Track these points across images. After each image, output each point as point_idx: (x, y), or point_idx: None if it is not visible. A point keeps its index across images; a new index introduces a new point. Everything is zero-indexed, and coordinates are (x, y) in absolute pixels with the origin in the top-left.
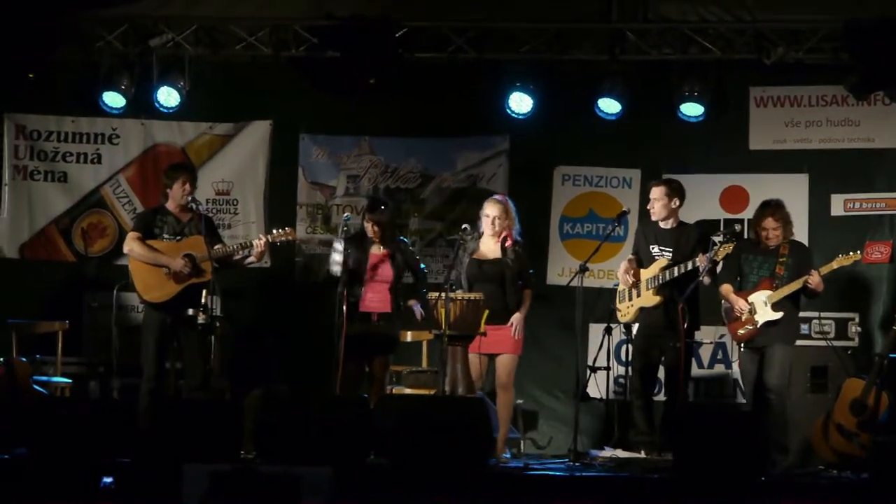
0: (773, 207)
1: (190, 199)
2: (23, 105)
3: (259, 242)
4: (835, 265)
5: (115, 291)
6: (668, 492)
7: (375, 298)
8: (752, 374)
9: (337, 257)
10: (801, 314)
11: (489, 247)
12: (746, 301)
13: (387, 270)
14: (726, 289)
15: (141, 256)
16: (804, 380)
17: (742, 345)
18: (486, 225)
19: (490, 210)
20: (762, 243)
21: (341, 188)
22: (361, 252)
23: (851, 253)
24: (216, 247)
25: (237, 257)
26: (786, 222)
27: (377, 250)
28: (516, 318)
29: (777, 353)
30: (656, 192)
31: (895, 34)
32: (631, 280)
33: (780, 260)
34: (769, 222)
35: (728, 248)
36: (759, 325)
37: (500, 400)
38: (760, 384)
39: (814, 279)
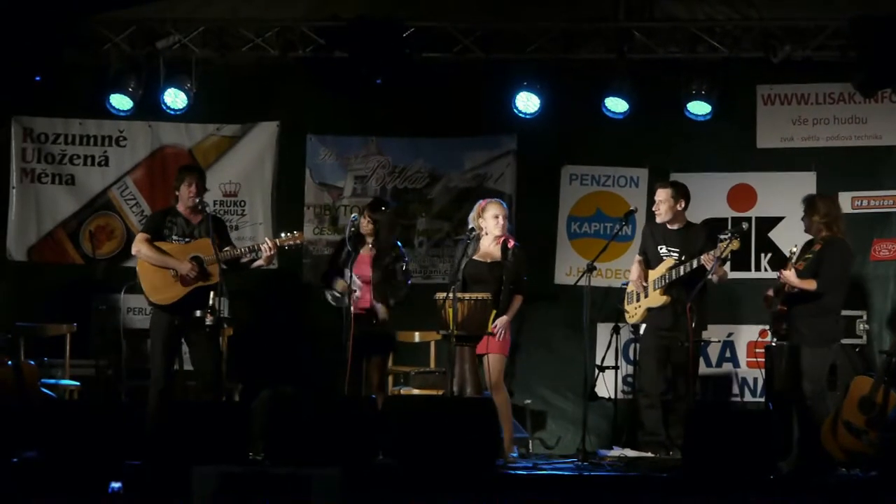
0: (802, 203)
1: (197, 200)
2: (30, 108)
3: (267, 246)
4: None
5: (122, 293)
6: (677, 491)
7: (363, 298)
8: (778, 368)
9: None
10: None
11: (490, 248)
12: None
13: (369, 270)
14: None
15: (148, 258)
16: (824, 378)
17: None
18: (493, 226)
19: (498, 210)
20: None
21: (349, 189)
22: (355, 252)
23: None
24: (224, 249)
25: (245, 260)
26: (812, 215)
27: (366, 251)
28: (501, 321)
29: (804, 357)
30: (662, 195)
31: None
32: (643, 285)
33: (807, 256)
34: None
35: (735, 245)
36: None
37: (495, 401)
38: (788, 386)
39: (783, 273)
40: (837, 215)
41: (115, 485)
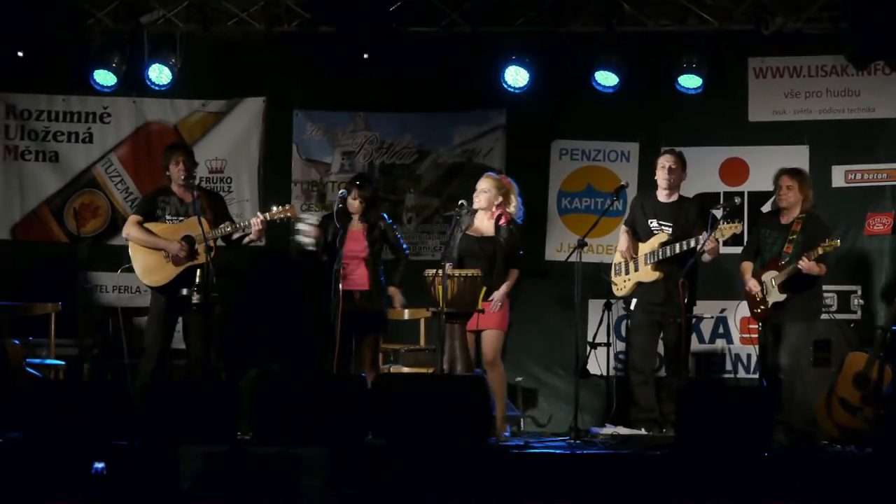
0: (791, 170)
1: (186, 176)
2: (13, 84)
3: (257, 220)
4: (819, 251)
5: (117, 273)
6: (670, 468)
7: (356, 275)
8: (768, 348)
9: (304, 227)
10: None
11: (483, 224)
12: (759, 281)
13: (363, 245)
14: (744, 266)
15: (139, 241)
16: (807, 354)
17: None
18: (476, 200)
19: (479, 184)
20: (780, 214)
21: (336, 165)
22: (343, 229)
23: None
24: (222, 225)
25: (236, 237)
26: (801, 185)
27: (356, 226)
28: (497, 293)
29: (791, 331)
30: (672, 161)
31: (894, 2)
32: (630, 256)
33: (791, 237)
34: (784, 179)
35: (736, 228)
36: (770, 306)
37: (490, 377)
38: (774, 361)
39: (804, 264)
40: None
41: (99, 465)
